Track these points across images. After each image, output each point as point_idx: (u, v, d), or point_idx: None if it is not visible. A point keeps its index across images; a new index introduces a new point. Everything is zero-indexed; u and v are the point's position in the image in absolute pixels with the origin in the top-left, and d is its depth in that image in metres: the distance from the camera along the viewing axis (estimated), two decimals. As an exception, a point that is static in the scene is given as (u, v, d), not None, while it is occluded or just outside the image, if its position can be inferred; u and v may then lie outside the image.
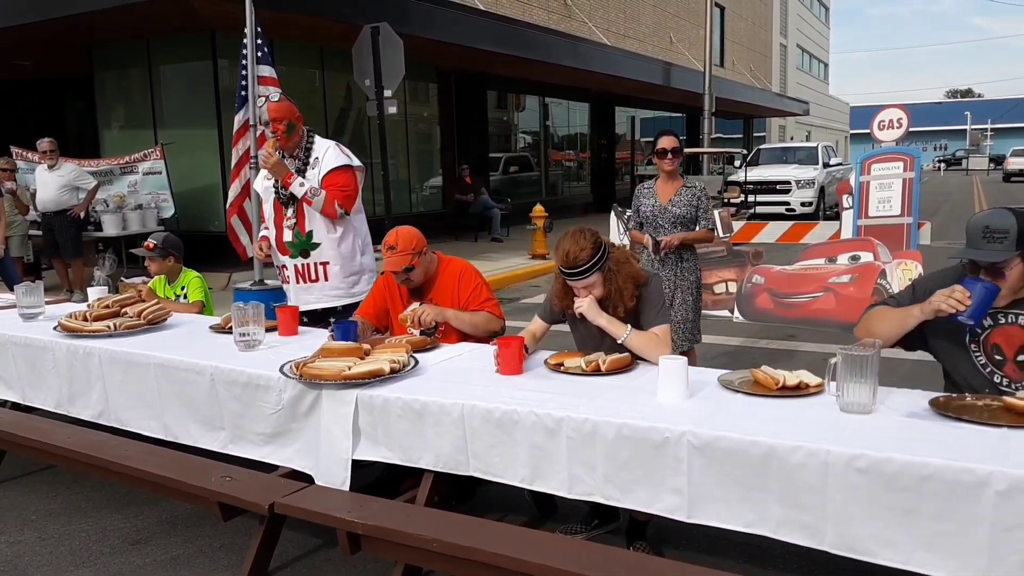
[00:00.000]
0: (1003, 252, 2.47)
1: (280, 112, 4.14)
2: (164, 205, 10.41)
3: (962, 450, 2.05)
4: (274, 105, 4.16)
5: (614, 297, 3.09)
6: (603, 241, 3.08)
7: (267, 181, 4.34)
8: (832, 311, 7.32)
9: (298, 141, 4.22)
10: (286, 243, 4.26)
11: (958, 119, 65.87)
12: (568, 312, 3.26)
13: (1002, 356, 2.57)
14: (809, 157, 18.86)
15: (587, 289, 3.09)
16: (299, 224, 4.20)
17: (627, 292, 3.07)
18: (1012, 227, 2.47)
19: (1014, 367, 2.57)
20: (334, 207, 4.12)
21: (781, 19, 38.69)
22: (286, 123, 4.13)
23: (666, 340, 3.07)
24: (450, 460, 2.70)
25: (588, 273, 3.03)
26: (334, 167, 4.15)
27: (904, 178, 6.97)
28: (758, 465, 2.20)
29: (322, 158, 4.19)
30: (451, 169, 15.89)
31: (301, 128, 4.23)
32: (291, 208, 4.22)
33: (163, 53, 11.22)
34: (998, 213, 2.54)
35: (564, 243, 3.05)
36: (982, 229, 2.51)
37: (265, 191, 4.37)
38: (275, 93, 4.25)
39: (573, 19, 18.92)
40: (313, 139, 4.28)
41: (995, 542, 1.94)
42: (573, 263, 3.01)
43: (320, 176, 4.15)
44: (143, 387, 3.44)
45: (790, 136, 40.48)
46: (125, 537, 3.46)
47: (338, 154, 4.20)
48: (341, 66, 12.09)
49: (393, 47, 8.28)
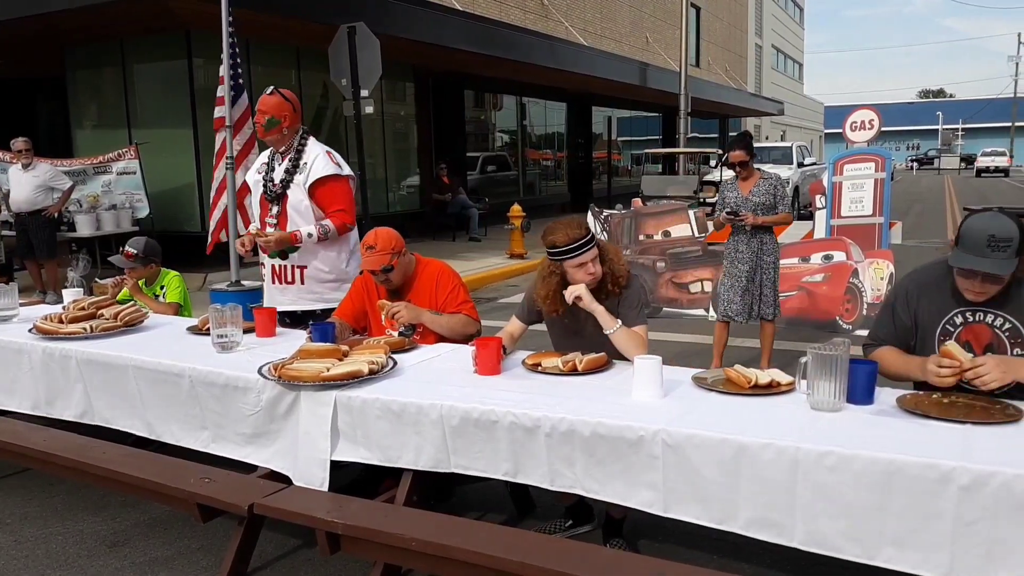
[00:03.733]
0: (1007, 263, 2.46)
1: (265, 105, 4.12)
2: (138, 205, 10.33)
3: (928, 446, 2.11)
4: (264, 98, 4.14)
5: (608, 281, 3.18)
6: (589, 228, 3.18)
7: (257, 175, 4.31)
8: (805, 310, 7.43)
9: (282, 139, 4.16)
10: None
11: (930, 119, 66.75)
12: (547, 313, 3.31)
13: (972, 353, 2.63)
14: (784, 157, 19.03)
15: (584, 269, 3.14)
16: (281, 224, 4.17)
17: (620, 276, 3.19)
18: (1015, 235, 2.46)
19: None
20: (344, 230, 4.19)
21: (756, 20, 39.00)
22: (268, 117, 4.09)
23: (645, 340, 3.13)
24: (431, 459, 2.73)
25: (586, 248, 3.12)
26: (322, 176, 4.10)
27: (876, 178, 7.09)
28: (729, 463, 2.25)
29: (310, 164, 4.13)
30: (428, 169, 15.88)
31: (287, 126, 4.13)
32: (276, 206, 4.18)
33: (137, 52, 11.13)
34: (1000, 220, 2.51)
35: (554, 231, 3.14)
36: (987, 237, 2.45)
37: (255, 184, 4.33)
38: (271, 88, 4.20)
39: (550, 19, 18.97)
40: (306, 142, 4.22)
41: (958, 536, 2.00)
42: (569, 241, 3.09)
43: (307, 183, 4.10)
44: (124, 388, 3.43)
45: (765, 136, 40.83)
46: (102, 540, 3.46)
47: (327, 163, 4.14)
48: (317, 66, 12.04)
49: (370, 47, 8.28)
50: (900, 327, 2.80)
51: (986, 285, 2.55)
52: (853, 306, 7.14)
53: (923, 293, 2.76)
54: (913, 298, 2.77)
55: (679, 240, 8.13)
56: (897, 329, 2.81)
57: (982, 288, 2.56)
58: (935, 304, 2.72)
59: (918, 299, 2.76)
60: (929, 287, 2.76)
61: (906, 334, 2.79)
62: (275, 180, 4.17)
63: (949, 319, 2.69)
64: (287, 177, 4.14)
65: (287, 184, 4.14)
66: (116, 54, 11.25)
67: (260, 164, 4.34)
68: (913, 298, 2.77)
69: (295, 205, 4.14)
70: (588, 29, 20.82)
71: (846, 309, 7.18)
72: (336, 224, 4.13)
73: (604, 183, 23.47)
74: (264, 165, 4.29)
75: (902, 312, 2.80)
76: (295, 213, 4.14)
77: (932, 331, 2.72)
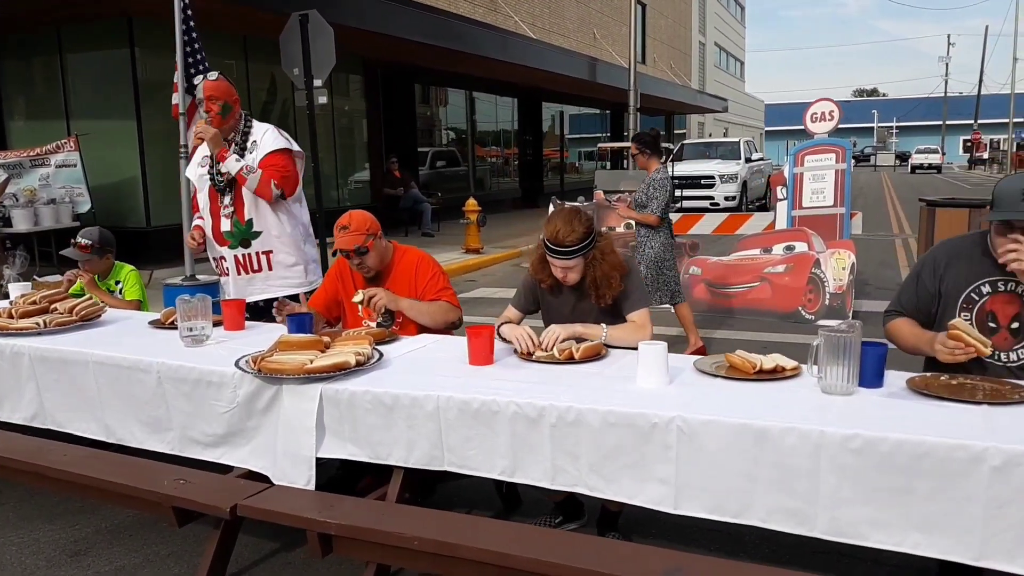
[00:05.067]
0: None
1: (216, 91, 3.93)
2: (79, 199, 9.89)
3: (952, 427, 2.05)
4: (210, 83, 3.95)
5: (600, 286, 3.06)
6: (594, 229, 3.06)
7: (200, 168, 4.12)
8: (768, 300, 7.47)
9: (234, 124, 4.02)
10: (224, 233, 4.04)
11: (866, 117, 68.51)
12: (541, 286, 3.23)
13: (996, 324, 2.60)
14: (731, 152, 19.25)
15: (564, 270, 3.06)
16: (238, 212, 4.00)
17: (614, 281, 3.06)
18: None
19: (1007, 335, 2.61)
20: (270, 187, 3.93)
21: (700, 17, 39.48)
22: (221, 103, 3.92)
23: (645, 324, 3.04)
24: (423, 455, 2.58)
25: (571, 256, 3.01)
26: (272, 150, 3.97)
27: (836, 169, 7.15)
28: (749, 449, 2.16)
29: (260, 140, 4.01)
30: (379, 163, 15.63)
31: (238, 111, 4.03)
32: (228, 196, 4.01)
33: (75, 41, 10.67)
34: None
35: (556, 220, 3.03)
36: (1020, 191, 2.48)
37: (199, 179, 4.14)
38: (213, 72, 4.01)
39: (499, 13, 18.85)
40: (251, 123, 4.10)
41: (989, 519, 1.94)
42: (561, 242, 2.99)
43: (258, 160, 3.97)
44: (81, 387, 3.20)
45: (708, 133, 41.37)
46: (62, 549, 3.23)
47: (276, 137, 4.03)
48: (265, 56, 11.73)
49: (323, 36, 8.04)
50: (923, 295, 2.76)
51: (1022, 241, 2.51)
52: (815, 296, 7.19)
53: (952, 261, 2.73)
54: (941, 265, 2.74)
55: (641, 232, 8.09)
56: (919, 298, 2.77)
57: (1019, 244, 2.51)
58: (964, 272, 2.69)
59: (946, 267, 2.73)
60: (960, 256, 2.72)
61: (929, 302, 2.75)
62: (223, 170, 3.99)
63: (975, 288, 2.65)
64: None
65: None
66: (52, 42, 10.77)
67: (202, 157, 4.14)
68: (941, 265, 2.74)
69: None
70: (537, 24, 20.76)
71: (808, 299, 7.23)
72: (264, 177, 3.89)
73: (555, 179, 23.48)
74: (207, 158, 4.09)
75: (928, 279, 2.75)
76: (248, 193, 3.97)
77: (955, 299, 2.69)
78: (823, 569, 2.79)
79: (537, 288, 3.26)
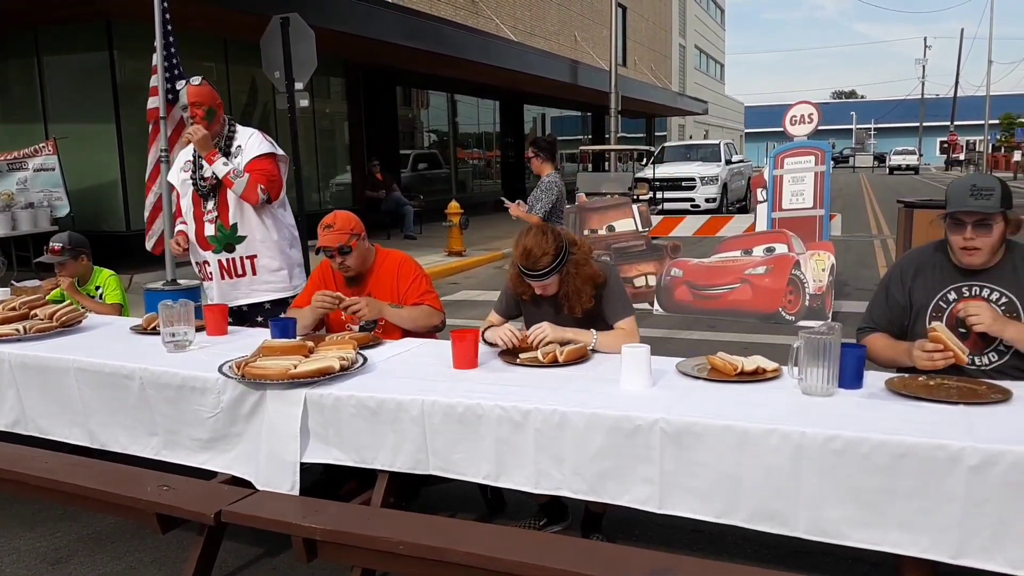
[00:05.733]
0: (991, 207, 2.56)
1: (200, 96, 3.93)
2: (58, 204, 9.79)
3: (931, 427, 2.08)
4: (194, 89, 3.94)
5: (571, 298, 3.05)
6: (564, 245, 3.03)
7: (183, 173, 4.11)
8: (749, 302, 7.52)
9: (219, 130, 4.02)
10: (208, 237, 4.03)
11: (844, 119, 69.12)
12: (522, 297, 3.22)
13: (966, 329, 2.64)
14: (712, 154, 19.38)
15: (541, 287, 3.06)
16: (222, 217, 3.99)
17: (585, 295, 3.04)
18: (996, 186, 2.59)
19: (977, 339, 2.65)
20: (256, 191, 3.92)
21: (680, 20, 39.69)
22: (206, 108, 3.92)
23: (633, 332, 3.05)
24: (408, 459, 2.59)
25: (545, 277, 3.00)
26: (258, 154, 3.97)
27: (816, 171, 7.22)
28: (732, 450, 2.18)
29: (245, 145, 4.01)
30: (360, 165, 15.59)
31: (222, 116, 4.03)
32: (212, 200, 4.00)
33: (53, 43, 10.57)
34: (981, 175, 2.66)
35: (526, 240, 2.98)
36: (969, 188, 2.59)
37: (182, 184, 4.12)
38: (196, 78, 4.01)
39: (480, 15, 18.86)
40: (235, 128, 4.09)
41: (967, 516, 1.98)
42: (533, 266, 2.97)
43: (243, 164, 3.96)
44: (64, 393, 3.17)
45: (689, 135, 41.59)
46: (43, 557, 3.20)
47: (261, 141, 4.03)
48: (246, 59, 11.67)
49: (305, 38, 8.02)
50: (894, 307, 2.80)
51: (976, 236, 2.58)
52: (795, 297, 7.25)
53: (918, 271, 2.78)
54: (908, 276, 2.79)
55: (623, 235, 8.14)
56: (891, 310, 2.81)
57: (973, 241, 2.59)
58: (930, 281, 2.74)
59: (913, 277, 2.78)
60: (924, 265, 2.78)
61: (901, 314, 2.79)
62: (205, 176, 3.99)
63: (943, 295, 2.70)
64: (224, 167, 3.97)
65: None
66: (29, 44, 10.66)
67: (184, 162, 4.14)
68: (908, 276, 2.79)
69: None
70: (518, 27, 20.79)
71: (788, 300, 7.30)
72: (251, 180, 3.88)
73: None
74: (189, 163, 4.08)
75: (896, 292, 2.80)
76: (232, 196, 3.96)
77: (925, 307, 2.73)
78: (806, 568, 2.82)
79: (518, 297, 3.27)
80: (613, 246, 8.08)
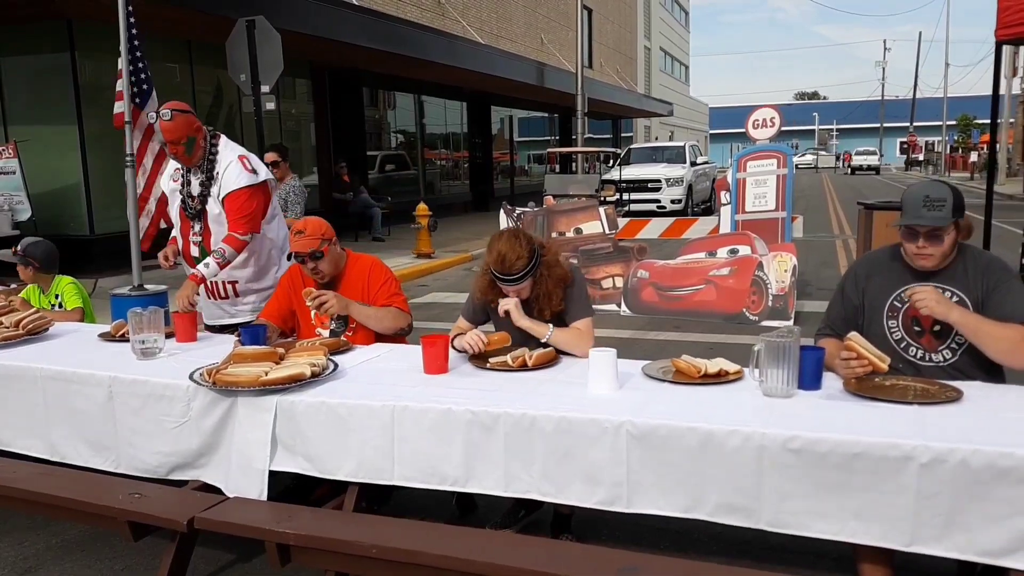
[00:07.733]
0: (943, 218, 2.63)
1: (175, 132, 3.81)
2: (19, 207, 9.64)
3: (886, 427, 2.17)
4: (166, 125, 3.80)
5: (541, 300, 3.10)
6: (536, 248, 3.07)
7: (173, 183, 4.09)
8: (713, 302, 7.64)
9: (201, 155, 3.93)
10: (193, 257, 4.06)
11: (807, 120, 70.11)
12: (491, 305, 3.25)
13: (920, 328, 2.74)
14: (677, 156, 19.56)
15: (516, 292, 3.10)
16: (205, 242, 4.01)
17: (555, 297, 3.09)
18: (948, 196, 2.65)
19: (931, 338, 2.75)
20: (240, 245, 3.87)
21: (645, 22, 40.00)
22: (184, 142, 3.85)
23: (589, 332, 3.10)
24: (372, 468, 2.61)
25: (521, 281, 3.04)
26: (234, 189, 3.88)
27: (778, 174, 7.35)
28: (696, 451, 2.25)
29: (222, 175, 3.91)
30: (327, 168, 15.52)
31: (201, 140, 3.92)
32: (198, 224, 3.99)
33: (11, 43, 10.38)
34: (934, 184, 2.71)
35: (499, 245, 3.01)
36: (922, 198, 2.65)
37: (171, 193, 4.11)
38: (166, 111, 3.82)
39: (447, 17, 18.88)
40: (216, 148, 3.97)
41: (919, 509, 2.08)
42: (508, 271, 3.01)
43: (220, 196, 3.91)
44: (27, 403, 3.16)
45: (655, 136, 41.95)
46: (11, 566, 3.18)
47: (239, 172, 3.90)
48: (211, 60, 11.59)
49: (270, 41, 7.99)
50: (849, 308, 2.89)
51: (929, 245, 2.66)
52: (759, 298, 7.38)
53: (873, 272, 2.87)
54: (862, 278, 2.88)
55: (591, 237, 8.22)
56: (846, 311, 2.89)
57: (925, 249, 2.67)
58: (884, 282, 2.83)
59: (867, 278, 2.87)
60: (879, 266, 2.87)
61: (855, 314, 2.88)
62: (193, 195, 3.97)
63: (896, 296, 2.79)
64: (203, 191, 3.96)
65: (204, 199, 3.96)
66: (-14, 45, 10.48)
67: (173, 170, 4.11)
68: (862, 278, 2.88)
69: (215, 218, 3.98)
70: (484, 28, 20.83)
71: (752, 301, 7.42)
72: (231, 243, 3.84)
73: (505, 183, 23.56)
74: (178, 171, 4.07)
75: (851, 293, 2.89)
76: (216, 226, 3.97)
77: (880, 308, 2.82)
78: (771, 564, 2.90)
79: (487, 305, 3.31)
80: (581, 248, 8.15)
